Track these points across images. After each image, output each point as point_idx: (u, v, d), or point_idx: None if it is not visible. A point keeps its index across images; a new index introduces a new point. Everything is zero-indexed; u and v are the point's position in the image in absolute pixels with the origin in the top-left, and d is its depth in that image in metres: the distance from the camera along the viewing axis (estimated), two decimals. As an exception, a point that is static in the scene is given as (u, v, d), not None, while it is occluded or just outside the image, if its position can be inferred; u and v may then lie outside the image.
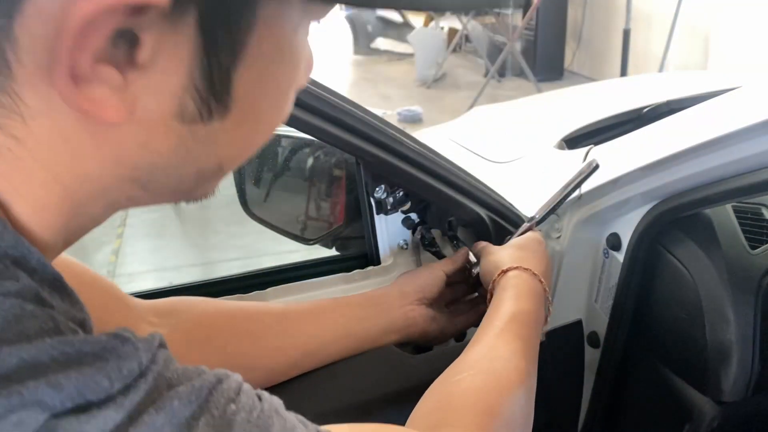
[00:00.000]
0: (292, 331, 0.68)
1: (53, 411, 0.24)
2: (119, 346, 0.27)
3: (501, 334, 0.60)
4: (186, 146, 0.32)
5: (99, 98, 0.27)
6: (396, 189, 0.75)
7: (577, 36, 6.12)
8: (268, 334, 0.67)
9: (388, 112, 4.90)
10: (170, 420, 0.27)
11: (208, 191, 0.38)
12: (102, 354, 0.26)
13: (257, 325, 0.67)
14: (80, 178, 0.30)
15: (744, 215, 0.92)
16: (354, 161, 0.77)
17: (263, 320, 0.67)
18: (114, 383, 0.26)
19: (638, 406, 0.97)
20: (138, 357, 0.27)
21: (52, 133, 0.29)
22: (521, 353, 0.58)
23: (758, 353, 0.80)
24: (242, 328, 0.66)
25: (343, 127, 0.66)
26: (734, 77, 1.62)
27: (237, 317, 0.67)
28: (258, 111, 0.34)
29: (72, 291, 0.29)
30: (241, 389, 0.31)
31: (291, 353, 0.67)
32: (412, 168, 0.73)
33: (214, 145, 0.33)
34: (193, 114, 0.30)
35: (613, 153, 0.92)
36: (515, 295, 0.66)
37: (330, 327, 0.70)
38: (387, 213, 0.77)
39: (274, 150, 1.06)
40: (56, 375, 0.24)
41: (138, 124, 0.30)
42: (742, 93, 0.77)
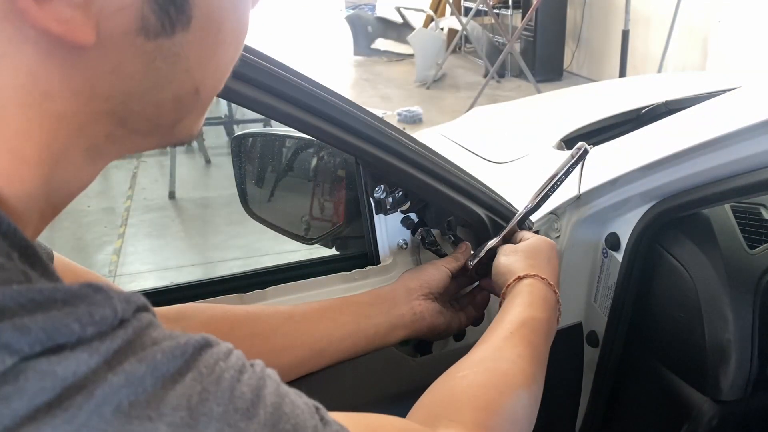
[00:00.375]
0: (299, 331, 0.68)
1: (21, 354, 0.23)
2: (91, 293, 0.27)
3: (509, 337, 0.60)
4: (155, 66, 0.31)
5: (66, 18, 0.27)
6: (395, 189, 0.76)
7: (576, 37, 6.12)
8: (276, 334, 0.67)
9: (387, 113, 4.90)
10: (152, 371, 0.26)
11: (192, 130, 0.37)
12: (71, 300, 0.26)
13: (265, 326, 0.67)
14: (54, 119, 0.30)
15: (743, 215, 0.92)
16: (354, 161, 0.78)
17: (270, 321, 0.68)
18: (86, 328, 0.25)
19: (637, 406, 0.98)
20: (112, 305, 0.27)
21: (19, 74, 0.28)
22: (528, 358, 0.58)
23: (757, 352, 0.80)
24: (250, 329, 0.66)
25: (342, 127, 0.66)
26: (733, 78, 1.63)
27: (245, 320, 0.67)
28: (219, 19, 0.33)
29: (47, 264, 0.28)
30: (232, 353, 0.31)
31: (299, 352, 0.68)
32: (412, 168, 0.73)
33: (184, 62, 0.33)
34: (156, 27, 0.30)
35: (612, 153, 0.93)
36: (528, 302, 0.66)
37: (337, 325, 0.70)
38: (386, 213, 0.78)
39: (274, 150, 1.06)
40: (21, 318, 0.24)
41: (105, 48, 0.29)
42: (740, 93, 0.77)
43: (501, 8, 6.54)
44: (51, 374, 0.24)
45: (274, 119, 0.63)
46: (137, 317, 0.28)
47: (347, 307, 0.72)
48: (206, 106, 0.38)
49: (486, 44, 6.30)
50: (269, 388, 0.30)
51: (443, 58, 6.17)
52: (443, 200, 0.77)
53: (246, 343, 0.65)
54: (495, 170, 1.10)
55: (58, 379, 0.24)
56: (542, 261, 0.72)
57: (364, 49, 7.29)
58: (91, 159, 0.33)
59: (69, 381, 0.24)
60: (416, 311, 0.74)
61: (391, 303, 0.74)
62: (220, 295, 0.74)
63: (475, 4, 6.16)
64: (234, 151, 1.06)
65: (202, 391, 0.27)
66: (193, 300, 0.73)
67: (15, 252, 0.27)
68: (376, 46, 7.33)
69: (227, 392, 0.28)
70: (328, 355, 0.69)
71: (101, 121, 0.32)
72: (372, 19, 7.39)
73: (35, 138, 0.29)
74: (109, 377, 0.25)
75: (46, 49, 0.28)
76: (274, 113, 0.61)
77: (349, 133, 0.67)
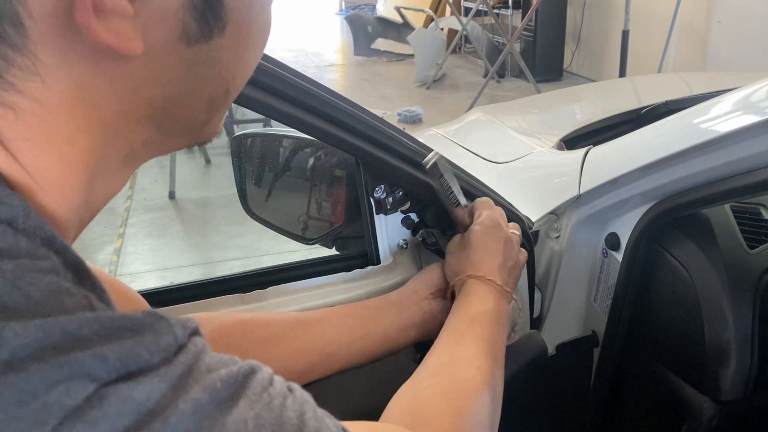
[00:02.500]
0: (309, 335, 0.69)
1: (101, 381, 0.25)
2: (155, 322, 0.28)
3: (461, 338, 0.62)
4: (194, 71, 0.33)
5: (120, 29, 0.28)
6: (395, 189, 0.76)
7: (576, 37, 6.12)
8: (286, 339, 0.67)
9: (387, 113, 4.90)
10: (213, 398, 0.27)
11: (217, 128, 0.39)
12: (138, 329, 0.27)
13: (275, 331, 0.68)
14: (99, 126, 0.31)
15: (742, 215, 0.92)
16: (354, 161, 0.78)
17: (280, 327, 0.68)
18: (153, 355, 0.26)
19: (637, 405, 0.98)
20: (173, 332, 0.28)
21: (70, 86, 0.29)
22: (482, 354, 0.60)
23: (757, 352, 0.80)
24: (261, 334, 0.67)
25: (343, 127, 0.66)
26: (733, 77, 1.63)
27: (255, 325, 0.67)
28: (249, 22, 0.35)
29: (95, 278, 0.29)
30: (274, 379, 0.32)
31: (310, 356, 0.68)
32: (412, 168, 0.73)
33: (219, 65, 0.34)
34: (196, 33, 0.32)
35: (612, 153, 0.93)
36: (473, 300, 0.68)
37: (346, 329, 0.70)
38: (387, 213, 0.77)
39: (274, 150, 1.06)
40: (100, 347, 0.25)
41: (149, 56, 0.31)
42: (740, 93, 0.77)
43: (501, 8, 6.54)
44: (130, 399, 0.25)
45: (274, 119, 0.63)
46: (193, 342, 0.29)
47: (356, 311, 0.73)
48: (230, 104, 0.39)
49: (486, 44, 6.30)
50: (309, 413, 0.32)
51: (443, 58, 6.17)
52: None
53: (257, 348, 0.66)
54: (495, 170, 1.10)
55: (136, 403, 0.25)
56: (483, 254, 0.72)
57: (364, 49, 7.29)
58: (126, 164, 0.35)
59: (145, 406, 0.25)
60: (426, 310, 0.74)
61: (399, 306, 0.74)
62: (220, 295, 0.74)
63: (475, 4, 6.16)
64: (234, 151, 1.06)
65: (255, 416, 0.28)
66: (193, 300, 0.73)
67: (70, 272, 0.28)
68: (376, 46, 7.33)
69: (278, 418, 0.29)
70: (339, 359, 0.69)
71: (141, 126, 0.33)
72: (372, 19, 7.39)
73: (81, 146, 0.31)
74: (180, 405, 0.26)
75: (95, 60, 0.29)
76: (274, 113, 0.61)
77: (349, 133, 0.67)
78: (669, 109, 1.20)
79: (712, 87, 1.30)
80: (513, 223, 0.79)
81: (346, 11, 10.17)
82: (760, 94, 0.74)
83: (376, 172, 0.72)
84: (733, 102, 0.77)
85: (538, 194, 0.97)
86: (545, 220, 0.94)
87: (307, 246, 1.01)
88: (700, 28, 4.64)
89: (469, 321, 0.64)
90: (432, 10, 7.07)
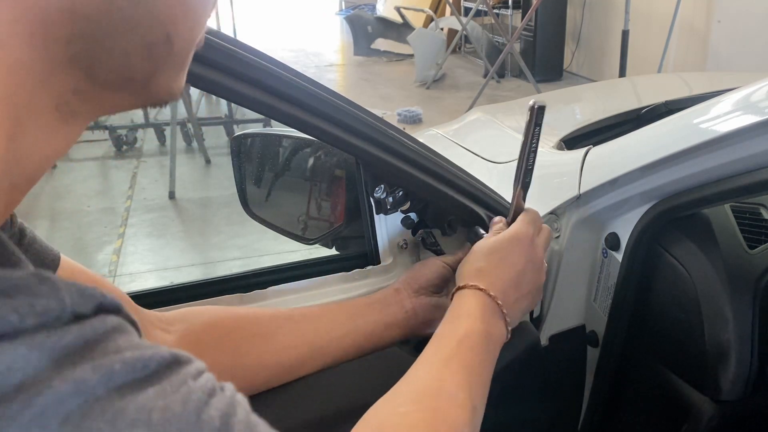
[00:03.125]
0: (299, 330, 0.69)
1: None
2: (35, 283, 0.24)
3: (448, 362, 0.57)
4: (117, 5, 0.29)
5: None
6: (395, 189, 0.76)
7: (576, 37, 6.12)
8: (276, 334, 0.68)
9: (387, 113, 4.90)
10: (107, 381, 0.23)
11: (171, 88, 0.34)
12: (11, 290, 0.23)
13: (266, 327, 0.68)
14: (9, 67, 0.27)
15: (742, 215, 0.92)
16: (354, 161, 0.78)
17: (271, 322, 0.68)
18: (25, 318, 0.23)
19: (637, 405, 0.98)
20: (59, 297, 0.24)
21: None
22: (467, 386, 0.56)
23: (756, 352, 0.80)
24: (251, 329, 0.67)
25: (343, 127, 0.67)
26: (733, 77, 1.63)
27: (245, 320, 0.67)
28: None
29: (6, 249, 0.26)
30: (203, 374, 0.28)
31: (300, 350, 0.68)
32: (412, 168, 0.73)
33: (147, 2, 0.30)
34: None
35: (612, 153, 0.93)
36: (466, 314, 0.62)
37: (336, 324, 0.71)
38: (387, 213, 0.78)
39: (274, 150, 1.06)
40: None
41: None
42: (740, 93, 0.77)
43: (501, 8, 6.54)
44: None
45: (274, 119, 0.63)
46: (100, 318, 0.25)
47: (344, 307, 0.73)
48: (184, 61, 0.35)
49: (486, 44, 6.30)
50: (239, 416, 0.28)
51: (443, 58, 6.17)
52: (444, 200, 0.77)
53: (247, 343, 0.66)
54: (495, 170, 1.10)
55: None
56: (491, 265, 0.66)
57: (364, 50, 7.29)
58: (63, 119, 0.30)
59: (6, 378, 0.21)
60: (407, 309, 0.74)
61: (383, 303, 0.74)
62: (220, 295, 0.74)
63: (475, 4, 6.16)
64: (234, 151, 1.07)
65: (164, 408, 0.25)
66: (193, 300, 0.74)
67: None
68: (376, 46, 7.33)
69: (193, 415, 0.26)
70: (329, 353, 0.70)
71: (65, 71, 0.29)
72: (372, 19, 7.39)
73: None
74: (55, 384, 0.22)
75: None
76: (274, 113, 0.61)
77: (349, 133, 0.67)
78: (669, 109, 1.20)
79: (712, 87, 1.30)
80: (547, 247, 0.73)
81: (346, 11, 10.17)
82: (760, 94, 0.74)
83: (376, 172, 0.72)
84: (733, 102, 0.77)
85: (538, 194, 0.96)
86: (545, 220, 0.94)
87: (307, 246, 1.01)
88: (700, 28, 4.64)
89: (457, 342, 0.59)
90: (432, 10, 7.08)
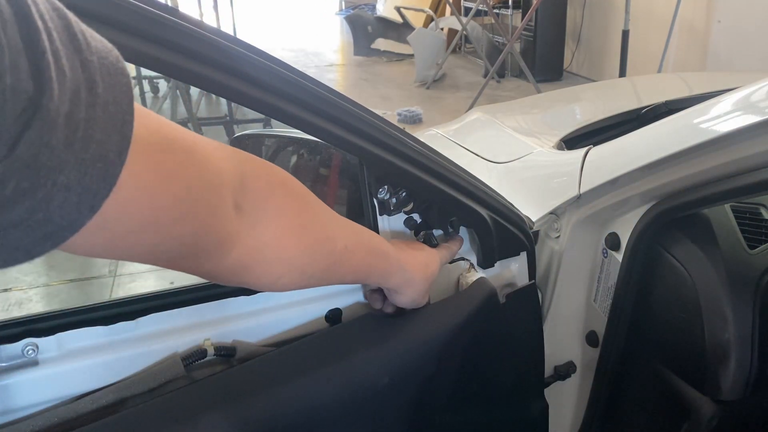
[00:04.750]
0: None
1: None
2: None
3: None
4: None
5: None
6: (399, 190, 0.76)
7: (576, 37, 6.12)
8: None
9: (387, 113, 4.90)
10: None
11: None
12: None
13: None
14: None
15: (743, 215, 0.92)
16: (357, 162, 0.78)
17: None
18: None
19: (637, 405, 0.98)
20: None
21: None
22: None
23: (757, 352, 0.80)
24: None
25: (346, 128, 0.66)
26: (733, 77, 1.63)
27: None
28: None
29: None
30: None
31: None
32: (415, 169, 0.73)
33: None
34: None
35: (612, 153, 0.93)
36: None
37: None
38: (390, 214, 0.78)
39: (275, 150, 1.06)
40: None
41: None
42: (740, 93, 0.77)
43: (501, 8, 6.54)
44: None
45: (276, 119, 0.63)
46: None
47: None
48: None
49: (486, 44, 6.30)
50: None
51: (443, 58, 6.17)
52: (446, 200, 0.77)
53: None
54: (495, 170, 1.10)
55: None
56: None
57: (364, 49, 7.29)
58: None
59: None
60: None
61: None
62: (223, 298, 0.74)
63: (475, 4, 6.16)
64: (234, 151, 1.06)
65: None
66: (194, 303, 0.73)
67: None
68: (376, 46, 7.33)
69: None
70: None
71: None
72: (372, 19, 7.39)
73: None
74: None
75: None
76: (276, 113, 0.61)
77: (352, 133, 0.67)
78: (669, 109, 1.20)
79: (712, 87, 1.30)
80: None
81: (346, 11, 10.16)
82: (760, 94, 0.74)
83: (379, 173, 0.72)
84: (733, 102, 0.77)
85: (538, 194, 0.97)
86: (545, 220, 0.94)
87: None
88: (700, 28, 4.64)
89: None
90: (432, 10, 7.07)
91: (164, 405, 0.61)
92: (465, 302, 0.80)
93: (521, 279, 0.91)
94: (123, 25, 0.49)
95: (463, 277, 0.84)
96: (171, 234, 0.42)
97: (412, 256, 0.74)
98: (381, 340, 0.73)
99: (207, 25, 0.57)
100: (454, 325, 0.76)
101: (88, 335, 0.67)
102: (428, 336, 0.75)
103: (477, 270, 0.85)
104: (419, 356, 0.74)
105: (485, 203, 0.82)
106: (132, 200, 0.36)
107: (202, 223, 0.45)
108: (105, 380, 0.68)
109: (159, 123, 0.40)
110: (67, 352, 0.67)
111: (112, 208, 0.34)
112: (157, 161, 0.39)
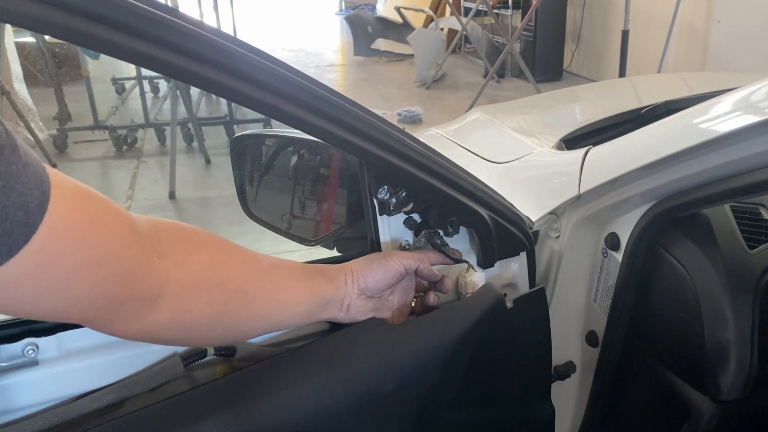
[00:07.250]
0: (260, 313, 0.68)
1: None
2: None
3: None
4: None
5: None
6: (399, 190, 0.76)
7: (576, 37, 6.12)
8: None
9: (387, 113, 4.90)
10: None
11: None
12: None
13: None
14: None
15: (742, 215, 0.92)
16: (357, 162, 0.78)
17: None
18: None
19: (637, 405, 0.98)
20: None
21: None
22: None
23: (756, 352, 0.80)
24: None
25: (346, 128, 0.66)
26: (733, 77, 1.63)
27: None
28: None
29: None
30: None
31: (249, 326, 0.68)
32: (415, 169, 0.73)
33: None
34: None
35: (612, 153, 0.93)
36: None
37: (287, 317, 0.70)
38: (390, 214, 0.78)
39: (275, 151, 1.06)
40: None
41: None
42: (740, 93, 0.77)
43: (501, 8, 6.55)
44: None
45: (276, 119, 0.63)
46: None
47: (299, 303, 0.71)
48: None
49: (486, 44, 6.30)
50: None
51: (443, 58, 6.18)
52: (446, 200, 0.77)
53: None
54: (495, 170, 1.10)
55: None
56: None
57: (364, 49, 7.29)
58: None
59: None
60: (344, 306, 0.73)
61: (326, 302, 0.71)
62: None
63: (475, 4, 6.16)
64: (233, 152, 1.06)
65: None
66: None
67: None
68: (376, 46, 7.33)
69: None
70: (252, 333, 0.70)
71: None
72: (372, 19, 7.39)
73: None
74: None
75: None
76: (276, 113, 0.61)
77: (352, 133, 0.67)
78: (669, 109, 1.20)
79: (712, 87, 1.30)
80: None
81: (346, 11, 10.16)
82: (760, 94, 0.74)
83: (379, 173, 0.72)
84: (733, 102, 0.77)
85: (538, 194, 0.97)
86: (545, 220, 0.94)
87: (307, 247, 1.01)
88: (699, 28, 4.64)
89: None
90: (432, 10, 7.08)
91: (166, 409, 0.61)
92: (472, 308, 0.78)
93: (521, 279, 0.91)
94: (123, 25, 0.49)
95: (462, 277, 0.84)
96: (102, 274, 0.46)
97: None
98: (385, 346, 0.72)
99: (207, 26, 0.57)
100: (460, 332, 0.75)
101: (88, 335, 0.67)
102: (434, 342, 0.74)
103: (476, 270, 0.85)
104: (424, 362, 0.74)
105: (485, 203, 0.82)
106: (59, 240, 0.41)
107: (131, 263, 0.49)
108: (105, 380, 0.68)
109: (76, 182, 0.45)
110: (67, 352, 0.67)
111: (37, 251, 0.39)
112: (83, 205, 0.44)
